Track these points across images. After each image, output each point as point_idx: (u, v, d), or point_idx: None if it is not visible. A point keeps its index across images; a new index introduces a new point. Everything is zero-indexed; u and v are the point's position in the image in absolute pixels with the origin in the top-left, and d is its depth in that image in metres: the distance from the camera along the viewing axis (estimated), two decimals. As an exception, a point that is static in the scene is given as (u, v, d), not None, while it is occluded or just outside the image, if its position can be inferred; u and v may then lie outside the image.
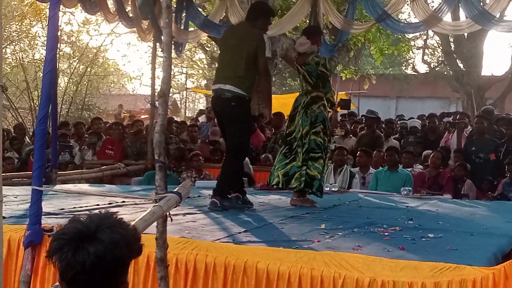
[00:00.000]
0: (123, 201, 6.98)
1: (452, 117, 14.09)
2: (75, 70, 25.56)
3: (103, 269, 2.17)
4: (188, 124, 15.52)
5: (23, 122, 20.12)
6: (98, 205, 6.80)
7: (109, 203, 6.93)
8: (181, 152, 11.40)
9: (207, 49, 33.97)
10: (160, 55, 12.46)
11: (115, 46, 31.26)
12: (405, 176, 10.01)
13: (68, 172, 10.31)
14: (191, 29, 12.92)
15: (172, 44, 5.21)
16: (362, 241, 5.03)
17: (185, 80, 37.73)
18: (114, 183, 10.67)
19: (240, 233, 5.35)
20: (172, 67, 5.12)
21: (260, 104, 13.30)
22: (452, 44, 29.64)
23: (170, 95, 26.86)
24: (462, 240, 5.26)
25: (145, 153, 11.70)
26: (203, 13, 15.09)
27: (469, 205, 8.20)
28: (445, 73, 35.25)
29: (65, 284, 2.23)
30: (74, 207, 6.57)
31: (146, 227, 4.02)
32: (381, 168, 10.39)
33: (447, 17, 11.99)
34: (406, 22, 19.95)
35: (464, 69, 29.41)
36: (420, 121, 15.33)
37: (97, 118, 14.54)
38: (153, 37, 11.71)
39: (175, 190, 4.50)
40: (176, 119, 27.52)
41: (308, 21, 11.72)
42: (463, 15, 13.76)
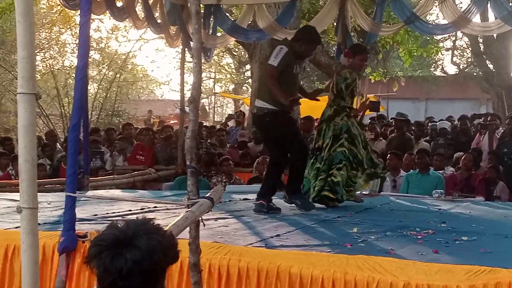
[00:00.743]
0: (155, 207, 7.01)
1: (483, 118, 13.98)
2: (105, 77, 25.75)
3: (141, 275, 2.19)
4: (216, 129, 15.56)
5: (54, 129, 20.33)
6: (130, 210, 6.83)
7: (141, 209, 6.96)
8: (210, 156, 11.44)
9: (234, 53, 34.07)
10: (189, 60, 12.52)
11: (143, 52, 31.59)
12: (437, 179, 9.93)
13: (99, 178, 10.39)
14: (218, 34, 12.96)
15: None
16: (395, 245, 5.00)
17: (213, 85, 37.84)
18: (145, 189, 10.73)
19: (272, 237, 5.35)
20: (201, 72, 5.13)
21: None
22: (481, 45, 29.38)
23: (199, 100, 27.11)
24: (497, 242, 5.22)
25: (175, 158, 11.77)
26: (230, 17, 15.14)
27: (502, 207, 8.11)
28: (474, 74, 34.95)
29: (103, 289, 2.25)
30: (107, 213, 6.62)
31: (179, 233, 4.04)
32: (412, 171, 10.32)
33: (476, 18, 11.87)
34: (434, 23, 19.84)
35: (494, 70, 29.12)
36: (450, 123, 15.23)
37: (127, 124, 14.64)
38: (181, 43, 11.76)
39: (207, 195, 4.52)
40: (205, 124, 27.67)
41: (335, 24, 11.68)
42: (492, 15, 13.63)
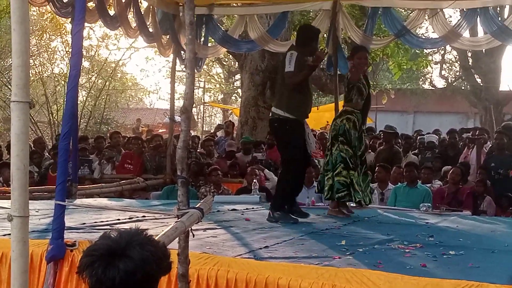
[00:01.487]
0: (143, 216, 7.01)
1: (471, 132, 14.05)
2: (94, 85, 25.69)
3: (133, 285, 2.20)
4: (203, 139, 15.56)
5: (42, 136, 20.25)
6: (119, 219, 6.82)
7: (129, 218, 6.94)
8: (199, 166, 11.44)
9: (224, 63, 34.11)
10: (178, 69, 12.54)
11: (133, 60, 31.56)
12: (424, 192, 9.97)
13: (87, 186, 10.36)
14: (210, 44, 12.98)
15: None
16: (383, 258, 5.02)
17: (202, 95, 37.85)
18: (133, 198, 10.71)
19: (261, 248, 5.36)
20: (191, 82, 5.15)
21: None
22: (470, 59, 29.58)
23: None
24: (484, 257, 5.25)
25: (164, 168, 11.77)
26: (222, 28, 15.18)
27: (489, 221, 8.16)
28: (462, 88, 35.15)
29: (96, 299, 2.25)
30: (95, 222, 6.61)
31: (169, 243, 4.05)
32: (400, 184, 10.36)
33: (466, 33, 11.97)
34: (425, 37, 19.95)
35: (482, 84, 29.32)
36: (437, 136, 15.29)
37: (115, 132, 14.63)
38: (172, 52, 11.78)
39: (197, 206, 4.53)
40: (194, 133, 27.65)
41: (327, 36, 11.73)
42: (481, 30, 13.74)
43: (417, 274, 4.40)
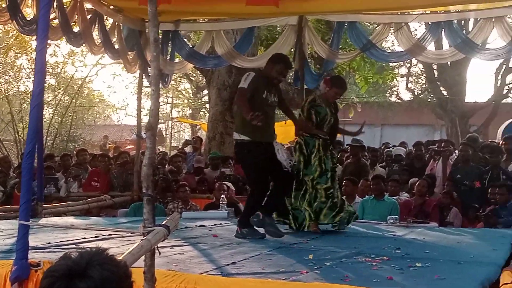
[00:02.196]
0: (110, 234, 6.94)
1: (437, 145, 14.17)
2: (60, 102, 25.51)
3: (94, 306, 2.17)
4: (172, 155, 15.51)
5: (8, 155, 20.04)
6: (84, 238, 6.75)
7: (95, 236, 6.88)
8: (167, 183, 11.39)
9: (192, 78, 34.10)
10: (146, 85, 12.51)
11: (100, 77, 31.41)
12: (391, 205, 10.03)
13: (54, 205, 10.26)
14: (176, 59, 12.98)
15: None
16: (350, 271, 5.02)
17: (171, 110, 37.80)
18: (100, 215, 10.64)
19: (228, 265, 5.33)
20: (158, 99, 5.14)
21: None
22: (435, 72, 29.89)
23: (156, 125, 26.97)
24: (450, 269, 5.28)
25: (131, 184, 11.71)
26: (188, 43, 15.17)
27: (456, 233, 8.22)
28: (429, 100, 35.49)
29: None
30: (61, 241, 6.52)
31: (134, 261, 4.02)
32: (367, 196, 10.41)
33: (431, 46, 12.12)
34: (390, 50, 20.14)
35: (447, 96, 29.63)
36: (404, 149, 15.40)
37: (82, 150, 14.52)
38: (139, 68, 11.75)
39: (163, 223, 4.50)
40: (162, 149, 27.56)
41: (294, 51, 11.79)
42: (446, 43, 13.91)
43: (384, 287, 4.42)
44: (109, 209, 11.22)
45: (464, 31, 15.27)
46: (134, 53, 11.49)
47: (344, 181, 10.79)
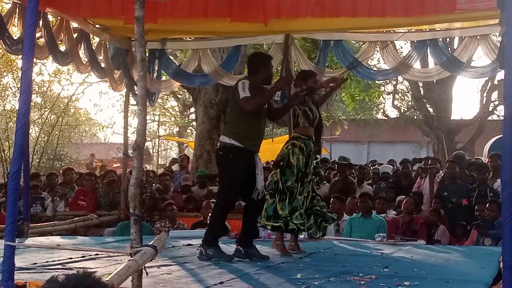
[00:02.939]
0: (96, 254, 6.90)
1: (423, 162, 14.21)
2: (47, 120, 25.44)
3: (81, 330, 2.15)
4: (159, 173, 15.45)
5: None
6: (71, 258, 6.70)
7: (82, 256, 6.83)
8: (154, 201, 11.35)
9: (179, 96, 34.09)
10: (133, 103, 12.50)
11: (86, 95, 31.39)
12: (379, 222, 10.04)
13: (40, 224, 10.19)
14: (163, 77, 12.97)
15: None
16: (338, 291, 5.02)
17: (157, 128, 37.75)
18: (87, 234, 10.57)
19: (216, 284, 5.30)
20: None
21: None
22: (421, 89, 30.04)
23: (143, 143, 26.79)
24: (438, 287, 5.27)
25: (118, 203, 11.66)
26: (175, 61, 15.17)
27: (443, 251, 8.23)
28: (415, 117, 35.63)
29: None
30: (47, 261, 6.47)
31: (122, 282, 4.00)
32: (354, 214, 10.41)
33: (417, 64, 12.17)
34: (376, 68, 20.25)
35: (434, 113, 29.75)
36: (392, 167, 15.43)
37: (68, 169, 14.45)
38: (125, 87, 11.73)
39: (150, 243, 4.49)
40: (149, 167, 27.49)
41: (280, 69, 11.82)
42: (432, 61, 13.99)
43: (372, 306, 4.40)
44: (96, 228, 11.16)
45: (449, 49, 15.38)
46: (121, 71, 11.47)
47: (331, 199, 10.81)
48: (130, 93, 11.74)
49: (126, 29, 9.78)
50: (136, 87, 8.66)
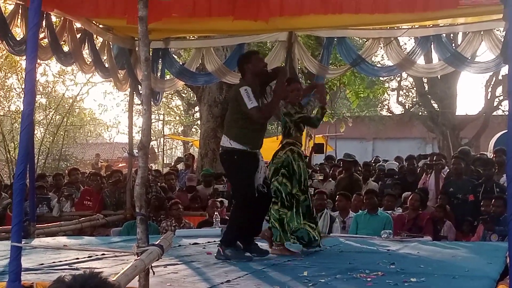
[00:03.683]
0: (103, 254, 6.90)
1: (429, 158, 14.19)
2: (51, 121, 25.48)
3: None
4: (165, 173, 15.44)
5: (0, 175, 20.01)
6: (78, 258, 6.71)
7: (88, 257, 6.84)
8: (160, 201, 11.35)
9: (183, 95, 34.10)
10: (137, 102, 12.50)
11: (91, 95, 31.42)
12: (385, 219, 10.02)
13: (46, 225, 10.19)
14: (167, 77, 12.97)
15: (150, 96, 5.23)
16: (345, 288, 5.01)
17: (162, 127, 37.76)
18: (93, 234, 10.58)
19: (222, 283, 5.30)
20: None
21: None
22: (426, 85, 30.00)
23: (148, 143, 26.71)
24: (445, 283, 5.27)
25: (124, 203, 11.66)
26: (179, 60, 15.17)
27: (450, 246, 8.21)
28: (420, 113, 35.62)
29: None
30: (54, 262, 6.48)
31: (128, 282, 4.00)
32: (360, 211, 10.40)
33: (421, 60, 12.16)
34: (380, 65, 20.21)
35: (438, 109, 29.73)
36: (398, 163, 15.41)
37: (74, 169, 14.45)
38: (129, 86, 11.74)
39: (157, 243, 4.49)
40: (155, 166, 27.51)
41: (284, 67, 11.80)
42: (436, 57, 13.96)
43: (379, 303, 4.40)
44: (102, 228, 11.16)
45: (453, 45, 15.34)
46: (125, 71, 11.48)
47: (337, 196, 10.80)
48: (134, 92, 11.74)
49: (130, 28, 9.77)
50: (140, 87, 8.67)
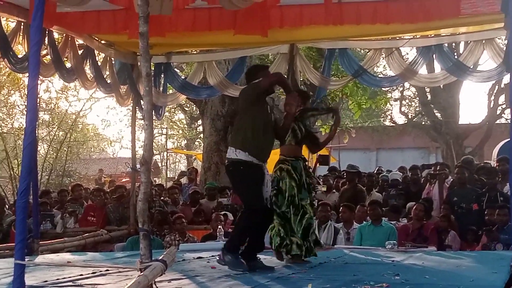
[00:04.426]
0: (107, 270, 6.89)
1: (432, 168, 14.16)
2: (55, 137, 25.52)
3: None
4: (168, 187, 15.44)
5: (4, 192, 20.03)
6: (81, 275, 6.69)
7: (92, 273, 6.82)
8: (163, 215, 11.33)
9: (186, 109, 34.14)
10: (140, 117, 12.53)
11: (94, 110, 31.52)
12: (389, 230, 9.99)
13: (50, 241, 10.19)
14: (169, 91, 13.00)
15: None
16: (349, 300, 4.99)
17: (166, 141, 37.77)
18: (97, 250, 10.56)
19: (226, 297, 5.29)
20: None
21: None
22: (428, 95, 29.99)
23: (151, 157, 26.71)
24: (450, 294, 5.25)
25: (127, 218, 11.66)
26: (181, 74, 15.20)
27: (455, 256, 8.16)
28: (423, 123, 35.60)
29: None
30: (58, 279, 6.47)
31: (132, 298, 3.99)
32: (364, 222, 10.38)
33: (423, 69, 12.18)
34: (382, 75, 20.22)
35: (441, 118, 29.70)
36: (401, 173, 15.38)
37: (77, 185, 14.43)
38: (132, 101, 11.76)
39: (160, 258, 4.49)
40: (158, 181, 27.50)
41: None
42: (438, 66, 13.98)
43: (384, 315, 4.37)
44: (106, 243, 11.15)
45: (455, 54, 15.37)
46: (127, 86, 11.51)
47: (341, 208, 10.78)
48: (137, 107, 11.77)
49: (131, 44, 9.83)
50: (142, 102, 8.71)
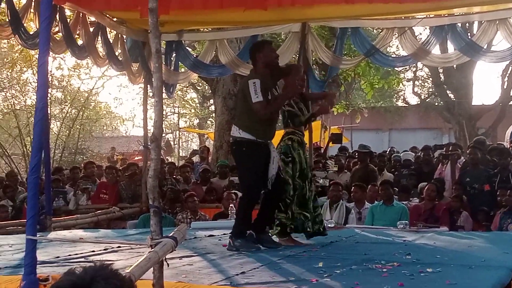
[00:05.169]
0: (119, 246, 6.92)
1: (444, 148, 14.11)
2: (67, 115, 25.57)
3: (99, 321, 2.14)
4: (180, 165, 15.46)
5: (16, 168, 20.10)
6: (93, 251, 6.72)
7: (104, 249, 6.85)
8: (175, 193, 11.37)
9: (198, 88, 34.10)
10: (152, 95, 12.51)
11: (106, 88, 31.49)
12: (401, 210, 9.98)
13: (63, 218, 10.24)
14: (181, 69, 12.97)
15: (163, 86, 5.23)
16: (360, 279, 4.98)
17: (178, 120, 37.79)
18: (110, 227, 10.62)
19: (237, 275, 5.29)
20: (164, 107, 5.12)
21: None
22: (441, 75, 29.83)
23: (163, 135, 26.41)
24: (461, 273, 5.23)
25: (139, 196, 11.68)
26: (193, 52, 15.16)
27: (466, 237, 8.16)
28: (436, 104, 35.46)
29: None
30: (69, 255, 6.50)
31: (143, 274, 4.00)
32: (376, 202, 10.37)
33: (436, 49, 12.09)
34: (395, 55, 20.11)
35: (454, 99, 29.56)
36: (414, 154, 15.34)
37: (90, 162, 14.49)
38: (143, 79, 11.75)
39: (170, 235, 4.48)
40: (171, 159, 27.56)
41: (297, 58, 11.77)
42: (451, 46, 13.87)
43: (394, 293, 4.37)
44: (118, 221, 11.20)
45: (468, 34, 15.23)
46: (138, 64, 11.49)
47: (352, 187, 10.78)
48: (148, 85, 11.76)
49: (143, 21, 9.75)
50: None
